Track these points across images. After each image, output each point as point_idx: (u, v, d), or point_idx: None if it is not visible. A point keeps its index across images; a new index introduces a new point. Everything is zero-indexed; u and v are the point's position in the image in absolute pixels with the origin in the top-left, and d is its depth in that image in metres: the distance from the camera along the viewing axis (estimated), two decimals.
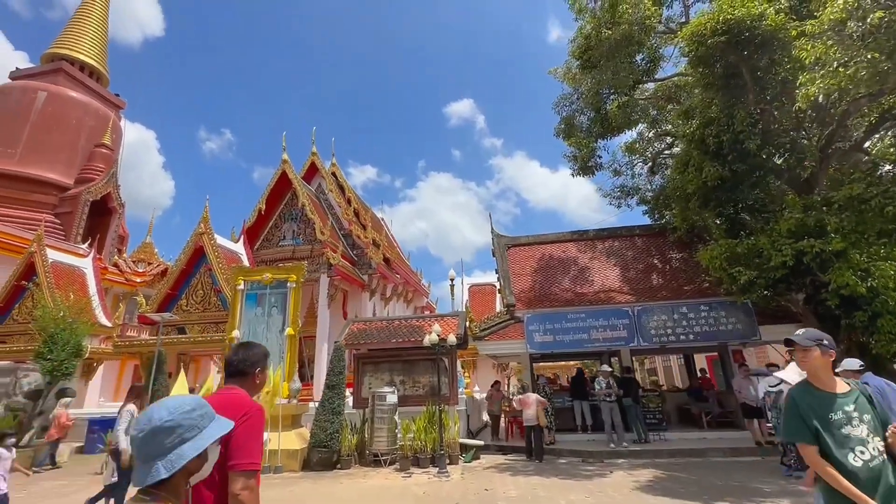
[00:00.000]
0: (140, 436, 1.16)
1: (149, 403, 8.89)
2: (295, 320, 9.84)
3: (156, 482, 1.14)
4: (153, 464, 1.14)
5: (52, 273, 13.48)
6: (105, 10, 36.49)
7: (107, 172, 30.42)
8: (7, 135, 27.86)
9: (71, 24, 34.85)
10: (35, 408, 9.43)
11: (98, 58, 34.82)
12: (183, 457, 1.17)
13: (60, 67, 31.66)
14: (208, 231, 13.13)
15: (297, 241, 22.89)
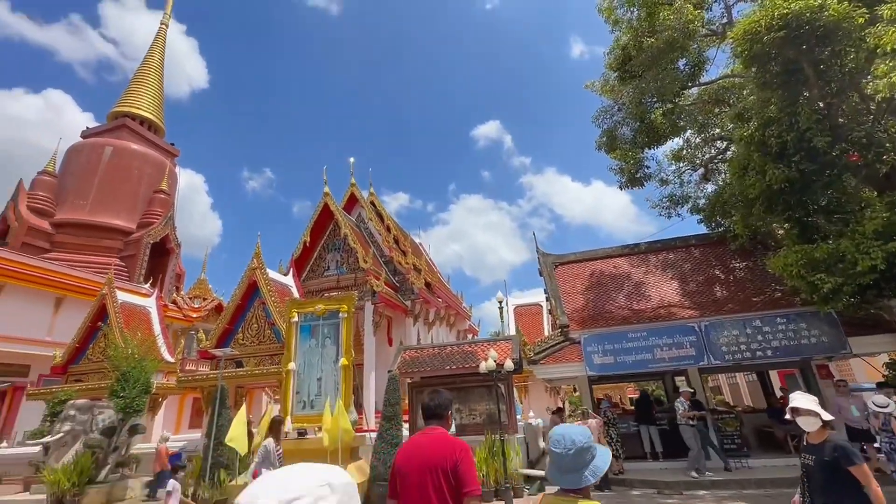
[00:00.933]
0: (569, 453, 1.62)
1: (213, 437, 9.10)
2: (348, 350, 9.88)
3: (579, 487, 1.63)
4: (580, 473, 1.62)
5: (121, 314, 14.37)
6: (161, 68, 39.97)
7: (164, 216, 32.63)
8: (80, 188, 30.58)
9: (132, 83, 38.34)
10: (110, 444, 9.86)
11: (155, 112, 37.95)
12: (600, 469, 1.63)
13: (123, 123, 34.70)
14: (261, 266, 13.61)
15: (341, 271, 23.41)
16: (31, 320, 20.08)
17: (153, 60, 39.49)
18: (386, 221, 28.21)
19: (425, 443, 2.18)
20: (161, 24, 41.73)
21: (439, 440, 2.17)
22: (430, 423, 2.33)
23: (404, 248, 26.95)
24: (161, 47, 40.78)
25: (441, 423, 2.31)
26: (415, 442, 2.27)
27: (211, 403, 12.64)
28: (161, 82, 39.86)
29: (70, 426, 10.39)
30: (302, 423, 9.43)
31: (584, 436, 1.66)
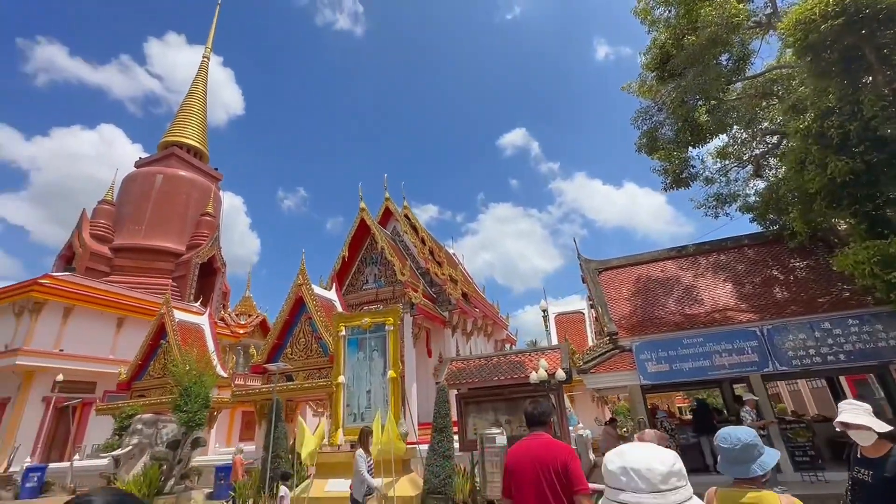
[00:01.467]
0: (735, 448, 1.87)
1: (270, 449, 9.39)
2: (396, 362, 9.99)
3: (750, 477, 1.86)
4: (747, 465, 1.86)
5: (178, 331, 15.17)
6: (204, 98, 42.46)
7: (211, 237, 34.31)
8: (135, 214, 32.71)
9: (179, 113, 40.88)
10: (175, 457, 10.35)
11: (200, 139, 40.25)
12: (767, 465, 1.86)
13: (172, 152, 36.98)
14: (306, 282, 14.06)
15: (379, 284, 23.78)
16: (96, 340, 21.51)
17: (197, 91, 42.05)
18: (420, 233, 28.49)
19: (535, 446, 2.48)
20: (203, 57, 44.42)
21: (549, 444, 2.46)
22: (534, 430, 2.61)
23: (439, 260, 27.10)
24: (203, 79, 43.36)
25: (545, 429, 2.60)
26: (525, 445, 2.54)
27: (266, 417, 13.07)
28: (204, 111, 42.33)
29: (138, 439, 11.02)
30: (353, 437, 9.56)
31: (749, 434, 1.89)
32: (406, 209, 29.88)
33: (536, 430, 2.60)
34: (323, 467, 8.89)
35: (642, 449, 1.33)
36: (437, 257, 27.30)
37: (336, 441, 9.39)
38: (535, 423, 2.62)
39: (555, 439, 2.52)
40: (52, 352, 19.59)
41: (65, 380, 18.85)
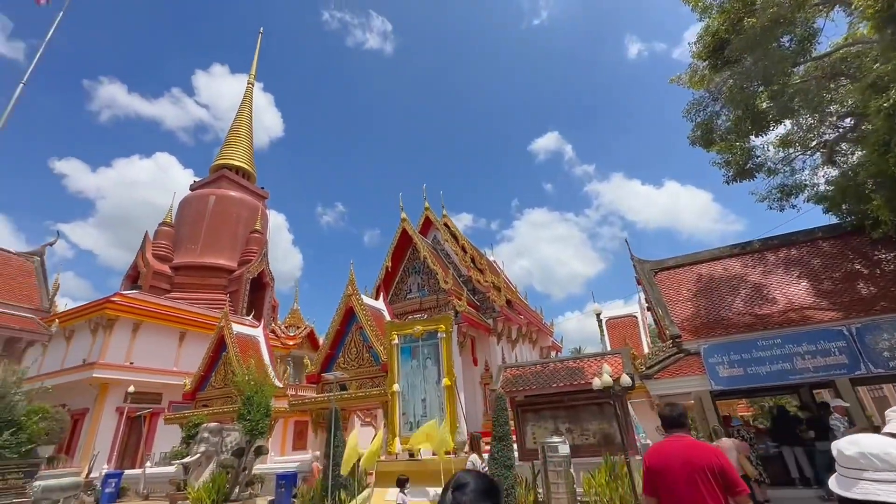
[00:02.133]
0: None
1: (331, 457, 9.52)
2: (450, 370, 9.91)
3: None
4: None
5: (237, 343, 15.82)
6: (250, 122, 44.82)
7: (260, 253, 35.84)
8: (191, 234, 34.74)
9: (228, 137, 43.30)
10: (240, 464, 10.71)
11: (248, 161, 42.39)
12: None
13: (223, 174, 39.12)
14: (356, 293, 14.31)
15: (422, 293, 23.89)
16: (161, 353, 22.84)
17: (243, 116, 44.45)
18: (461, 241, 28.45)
19: (681, 447, 2.53)
20: (248, 83, 46.97)
21: (697, 445, 2.54)
22: (673, 432, 2.68)
23: (481, 267, 26.93)
24: (249, 104, 45.79)
25: (685, 431, 2.67)
26: (669, 446, 2.59)
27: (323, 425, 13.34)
28: (251, 134, 44.65)
29: (205, 447, 11.51)
30: (411, 445, 9.53)
31: None
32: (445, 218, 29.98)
33: (676, 432, 2.66)
34: (383, 476, 8.90)
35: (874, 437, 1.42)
36: (479, 265, 27.14)
37: (393, 449, 9.39)
38: (675, 425, 2.69)
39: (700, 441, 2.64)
40: (123, 365, 20.98)
41: (135, 391, 20.11)
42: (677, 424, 2.68)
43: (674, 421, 2.69)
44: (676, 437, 2.62)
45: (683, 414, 2.72)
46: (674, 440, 2.61)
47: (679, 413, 2.71)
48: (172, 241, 34.28)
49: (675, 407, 2.75)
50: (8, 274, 15.35)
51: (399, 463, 9.14)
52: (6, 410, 11.59)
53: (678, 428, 2.67)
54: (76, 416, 20.54)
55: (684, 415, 2.73)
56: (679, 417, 2.69)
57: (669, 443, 2.62)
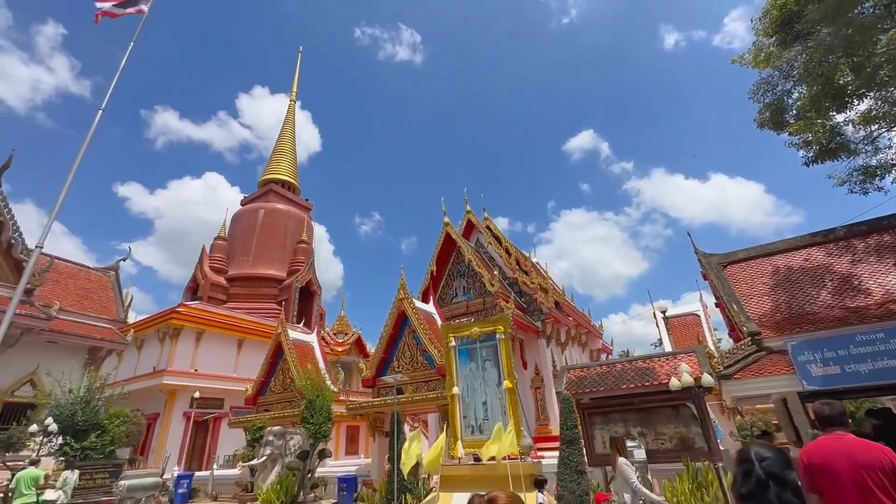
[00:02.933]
0: None
1: (395, 461, 9.50)
2: (510, 372, 9.66)
3: None
4: None
5: (293, 349, 16.29)
6: (293, 137, 46.65)
7: (307, 263, 37.00)
8: (243, 246, 36.42)
9: (273, 153, 45.24)
10: (305, 467, 10.92)
11: (292, 174, 44.06)
12: None
13: (270, 188, 40.84)
14: (407, 297, 14.37)
15: (469, 297, 23.73)
16: (221, 360, 23.97)
17: (286, 132, 46.36)
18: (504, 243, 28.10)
19: (848, 445, 2.45)
20: (290, 100, 49.00)
21: (865, 444, 2.44)
22: (832, 430, 2.59)
23: (526, 269, 26.45)
24: (291, 120, 47.71)
25: (846, 430, 2.57)
26: (831, 444, 2.51)
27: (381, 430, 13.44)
28: (294, 149, 46.46)
29: (270, 450, 11.85)
30: (473, 449, 9.35)
31: None
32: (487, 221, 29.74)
33: (836, 430, 2.58)
34: (448, 480, 8.76)
35: None
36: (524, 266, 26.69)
37: (456, 454, 9.24)
38: (834, 423, 2.62)
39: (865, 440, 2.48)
40: (189, 372, 22.17)
41: (200, 397, 21.17)
42: (837, 422, 2.60)
43: (833, 419, 2.62)
44: (836, 436, 2.54)
45: (843, 412, 2.65)
46: (835, 438, 2.52)
47: (839, 411, 2.64)
48: (227, 253, 36.07)
49: (833, 405, 2.67)
50: (88, 288, 16.63)
51: (463, 467, 8.97)
52: (92, 414, 12.46)
53: (838, 426, 2.58)
54: (149, 421, 21.87)
55: (844, 413, 2.66)
56: (838, 416, 2.62)
57: (831, 441, 2.53)
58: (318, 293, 37.21)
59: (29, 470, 9.31)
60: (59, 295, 14.62)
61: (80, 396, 12.43)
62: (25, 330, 12.75)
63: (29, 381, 13.61)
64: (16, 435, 11.73)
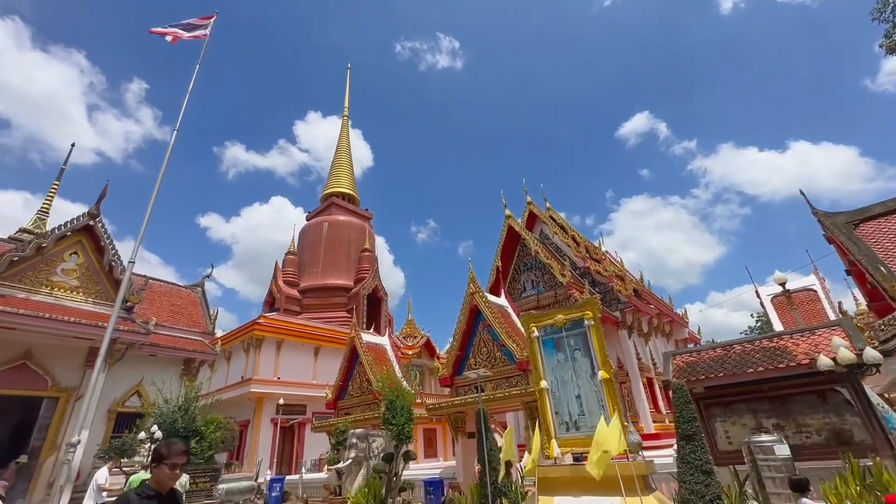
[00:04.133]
0: None
1: (486, 462, 8.88)
2: (605, 361, 8.66)
3: None
4: None
5: (368, 352, 16.28)
6: (349, 151, 48.19)
7: (372, 270, 37.71)
8: (312, 259, 37.94)
9: (332, 168, 46.97)
10: (391, 469, 10.61)
11: (351, 187, 45.42)
12: None
13: (332, 202, 42.34)
14: (478, 290, 13.74)
15: (538, 290, 22.67)
16: (301, 368, 24.85)
17: (342, 147, 47.99)
18: (570, 233, 26.66)
19: None
20: (343, 115, 50.77)
21: None
22: None
23: (598, 258, 24.82)
24: (346, 134, 49.36)
25: None
26: None
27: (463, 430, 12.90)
28: (351, 161, 47.97)
29: (355, 453, 11.72)
30: (570, 448, 8.46)
31: None
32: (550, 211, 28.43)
33: None
34: (546, 483, 7.95)
35: None
36: (595, 255, 25.07)
37: (552, 453, 8.39)
38: None
39: None
40: (272, 380, 23.19)
41: (284, 403, 22.00)
42: None
43: None
44: None
45: None
46: None
47: None
48: (297, 267, 37.78)
49: None
50: (180, 304, 17.86)
51: (563, 468, 8.11)
52: (190, 421, 13.12)
53: None
54: (241, 427, 23.12)
55: None
56: None
57: None
58: (384, 299, 37.79)
59: (140, 474, 9.84)
60: (155, 312, 15.76)
61: (178, 405, 13.14)
62: (129, 345, 13.79)
63: (136, 392, 14.74)
64: (128, 442, 12.62)
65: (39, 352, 12.71)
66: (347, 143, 48.94)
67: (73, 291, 13.12)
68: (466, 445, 12.85)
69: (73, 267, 13.33)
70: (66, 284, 13.07)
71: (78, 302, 13.13)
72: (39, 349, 12.71)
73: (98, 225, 13.72)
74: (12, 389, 12.35)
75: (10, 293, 11.88)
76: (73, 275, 13.26)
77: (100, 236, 13.68)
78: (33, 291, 12.34)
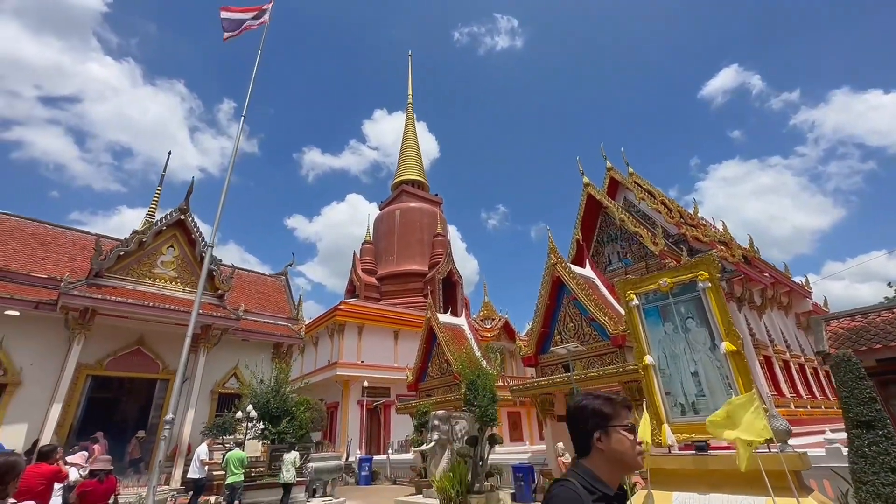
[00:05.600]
0: None
1: None
2: (730, 330, 7.04)
3: None
4: None
5: (445, 332, 15.75)
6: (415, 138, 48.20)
7: (445, 254, 37.41)
8: (386, 247, 38.61)
9: (400, 157, 47.33)
10: (476, 454, 9.92)
11: (420, 174, 45.43)
12: None
13: (402, 189, 42.66)
14: (560, 260, 12.46)
15: (626, 262, 20.57)
16: (382, 351, 25.27)
17: (408, 135, 48.08)
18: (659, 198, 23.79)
19: None
20: (408, 103, 50.82)
21: None
22: None
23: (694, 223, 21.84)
24: (412, 121, 49.36)
25: None
26: None
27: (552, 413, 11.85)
28: (418, 149, 47.95)
29: (437, 435, 11.21)
30: (688, 435, 7.02)
31: None
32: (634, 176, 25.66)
33: None
34: (661, 475, 6.65)
35: None
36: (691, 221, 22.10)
37: (664, 440, 7.03)
38: None
39: None
40: (356, 363, 23.84)
41: (368, 386, 22.48)
42: None
43: None
44: None
45: None
46: None
47: None
48: (374, 256, 38.71)
49: None
50: (266, 292, 18.79)
51: (683, 458, 6.76)
52: (281, 402, 13.58)
53: None
54: (331, 409, 24.16)
55: None
56: None
57: None
58: (459, 283, 37.40)
59: (235, 451, 10.22)
60: (244, 299, 16.65)
61: (271, 387, 13.65)
62: (224, 330, 14.62)
63: (233, 374, 15.70)
64: (228, 420, 13.39)
65: (150, 338, 13.93)
66: (413, 130, 48.95)
67: (172, 282, 14.17)
68: (556, 429, 11.76)
69: (171, 259, 14.39)
70: (166, 276, 14.14)
71: (177, 291, 14.15)
72: (150, 335, 13.92)
73: (188, 219, 14.64)
74: (130, 372, 13.68)
75: (121, 285, 13.07)
76: (170, 266, 14.32)
77: (190, 229, 14.59)
78: (139, 283, 13.49)
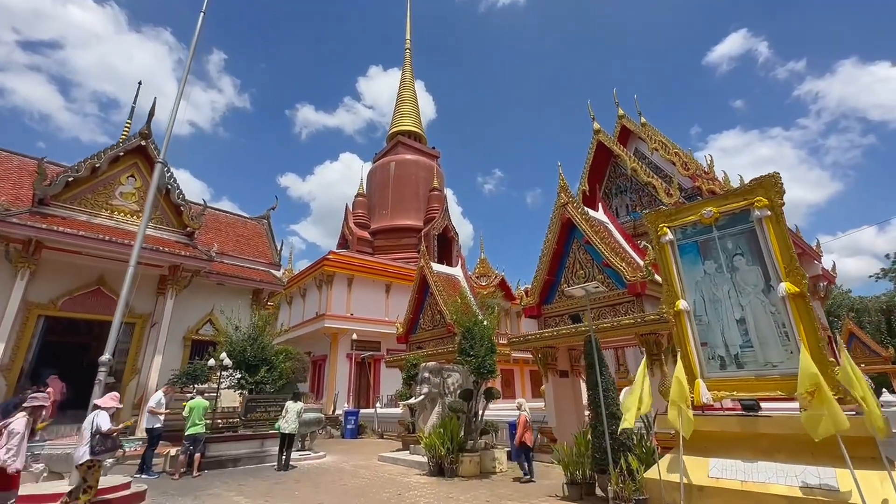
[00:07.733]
0: None
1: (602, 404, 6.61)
2: (793, 268, 5.70)
3: None
4: None
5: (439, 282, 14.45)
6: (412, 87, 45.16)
7: (441, 209, 35.74)
8: (381, 200, 36.79)
9: (396, 107, 44.52)
10: (470, 409, 8.82)
11: (416, 125, 42.87)
12: None
13: (398, 141, 40.29)
14: (571, 200, 10.98)
15: (635, 215, 19.18)
16: (372, 304, 24.15)
17: (405, 84, 45.00)
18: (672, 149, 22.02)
19: None
20: (405, 48, 47.31)
21: None
22: None
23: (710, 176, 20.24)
24: (409, 69, 46.11)
25: None
26: None
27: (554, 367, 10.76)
28: (415, 99, 45.03)
29: (427, 388, 10.14)
30: (730, 392, 5.81)
31: None
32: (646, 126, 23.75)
33: None
34: (699, 438, 5.48)
35: None
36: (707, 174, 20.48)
37: (698, 399, 5.83)
38: None
39: None
40: (345, 315, 22.75)
41: (357, 339, 21.48)
42: None
43: None
44: None
45: None
46: None
47: None
48: (367, 209, 36.97)
49: None
50: (246, 235, 17.31)
51: (727, 419, 5.60)
52: (259, 350, 12.42)
53: None
54: (319, 361, 23.30)
55: None
56: None
57: None
58: (455, 239, 36.00)
59: (198, 399, 9.08)
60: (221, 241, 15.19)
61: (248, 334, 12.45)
62: (195, 272, 13.23)
63: (208, 320, 14.49)
64: (200, 368, 12.26)
65: (111, 277, 12.52)
66: (411, 78, 45.85)
67: (133, 215, 12.61)
68: (558, 385, 10.70)
69: (132, 190, 12.75)
70: (126, 208, 12.55)
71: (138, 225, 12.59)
72: (111, 275, 12.51)
73: (151, 146, 12.86)
74: (89, 314, 12.35)
75: (72, 216, 11.49)
76: (131, 198, 12.70)
77: (153, 157, 12.84)
78: (94, 214, 11.91)
